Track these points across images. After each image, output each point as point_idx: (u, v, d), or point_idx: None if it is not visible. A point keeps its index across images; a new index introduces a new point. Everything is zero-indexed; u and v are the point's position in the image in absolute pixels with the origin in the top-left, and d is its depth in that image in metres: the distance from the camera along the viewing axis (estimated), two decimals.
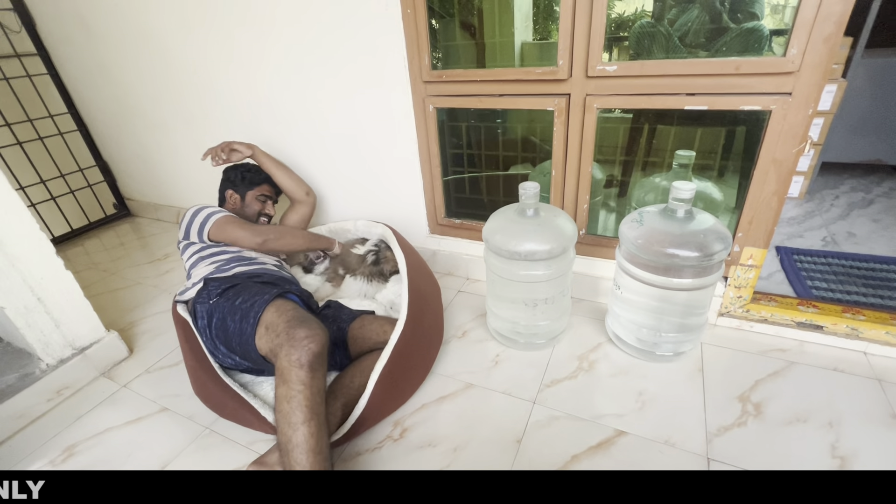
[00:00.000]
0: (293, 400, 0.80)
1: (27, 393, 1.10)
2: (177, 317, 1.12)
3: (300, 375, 0.82)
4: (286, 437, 0.79)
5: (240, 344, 0.96)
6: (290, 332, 0.87)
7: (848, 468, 0.83)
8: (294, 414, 0.80)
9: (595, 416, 0.98)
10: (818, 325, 1.13)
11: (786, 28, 0.95)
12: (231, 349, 1.00)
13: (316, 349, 0.84)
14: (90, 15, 1.78)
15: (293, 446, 0.78)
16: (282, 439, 0.80)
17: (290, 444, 0.79)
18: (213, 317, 1.02)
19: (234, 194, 1.41)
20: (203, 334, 1.04)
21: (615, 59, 1.08)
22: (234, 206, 1.40)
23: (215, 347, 1.03)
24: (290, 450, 0.78)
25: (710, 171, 1.45)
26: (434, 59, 1.28)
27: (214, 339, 1.02)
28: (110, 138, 2.21)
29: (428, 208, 1.53)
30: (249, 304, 0.96)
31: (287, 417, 0.80)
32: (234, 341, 0.97)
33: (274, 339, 0.88)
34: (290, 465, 0.78)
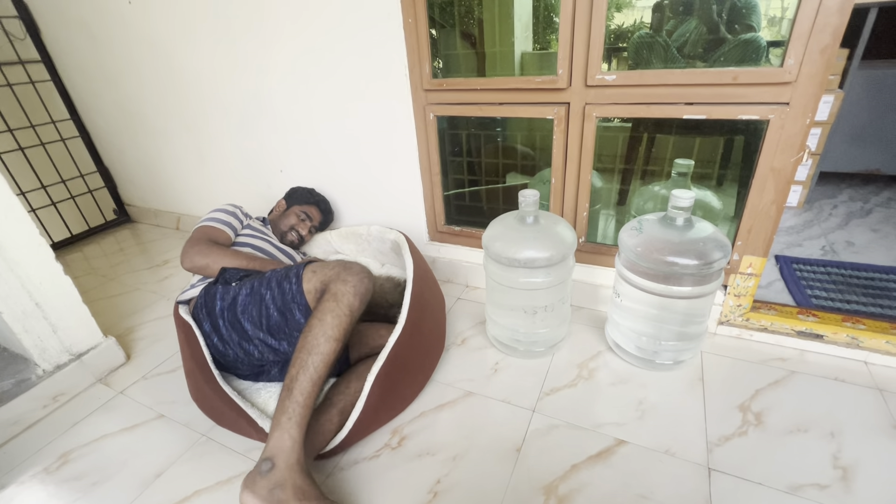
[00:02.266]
0: (338, 317, 0.86)
1: (23, 399, 1.09)
2: (178, 319, 1.11)
3: (351, 301, 0.88)
4: (314, 344, 0.84)
5: (281, 305, 0.94)
6: (346, 266, 0.93)
7: (850, 479, 0.82)
8: (332, 328, 0.85)
9: (595, 424, 0.97)
10: (818, 334, 1.13)
11: (783, 39, 0.96)
12: (258, 322, 0.96)
13: (368, 285, 0.91)
14: (95, 23, 1.80)
15: (317, 353, 0.83)
16: (307, 343, 0.84)
17: (316, 349, 0.83)
18: (238, 296, 0.99)
19: (283, 203, 1.54)
20: (217, 317, 1.01)
21: (614, 69, 1.09)
22: (276, 212, 1.51)
23: (233, 328, 0.99)
24: (311, 353, 0.83)
25: (709, 179, 1.45)
26: (435, 68, 1.29)
27: (239, 317, 0.98)
28: (111, 144, 2.22)
29: (428, 215, 1.53)
30: (285, 270, 0.99)
31: (324, 327, 0.85)
32: (273, 305, 0.95)
33: (327, 273, 0.92)
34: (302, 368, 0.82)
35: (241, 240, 1.26)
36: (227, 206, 1.29)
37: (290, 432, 0.78)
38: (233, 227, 1.25)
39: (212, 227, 1.20)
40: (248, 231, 1.30)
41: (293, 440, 0.78)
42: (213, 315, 1.02)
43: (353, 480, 0.90)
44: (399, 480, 0.89)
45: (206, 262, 1.11)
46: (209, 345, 1.05)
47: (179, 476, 0.94)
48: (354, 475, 0.91)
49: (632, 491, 0.83)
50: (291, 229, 1.46)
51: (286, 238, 1.46)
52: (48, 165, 2.07)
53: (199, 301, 1.08)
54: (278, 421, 0.79)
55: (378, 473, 0.91)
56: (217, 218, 1.23)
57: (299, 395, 0.81)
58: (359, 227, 1.56)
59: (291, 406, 0.80)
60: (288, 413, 0.79)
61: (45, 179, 2.05)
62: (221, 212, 1.26)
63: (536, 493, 0.84)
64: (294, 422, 0.79)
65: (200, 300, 1.07)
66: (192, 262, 1.11)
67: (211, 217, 1.23)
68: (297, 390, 0.81)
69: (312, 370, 0.83)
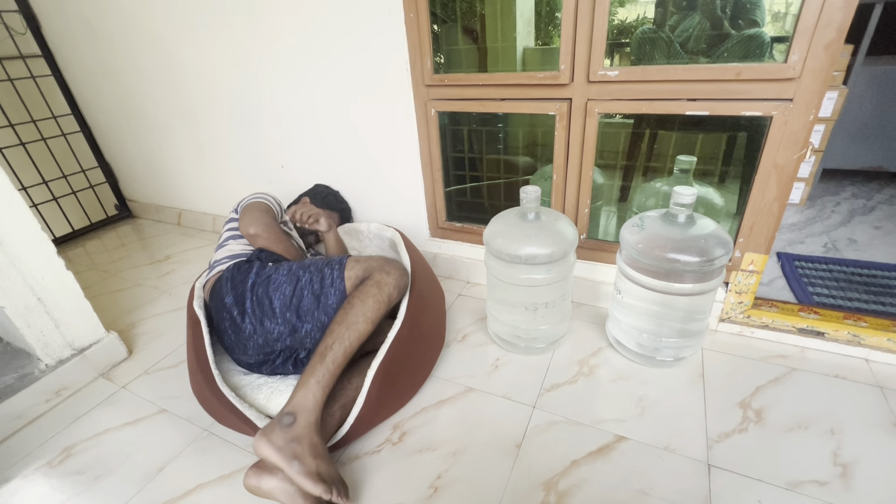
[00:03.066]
0: (377, 302, 0.93)
1: (26, 393, 1.09)
2: (190, 311, 1.11)
3: (391, 292, 0.96)
4: (354, 321, 0.91)
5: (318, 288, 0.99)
6: (389, 260, 1.01)
7: (849, 476, 0.83)
8: (372, 311, 0.92)
9: (595, 421, 0.98)
10: (819, 331, 1.13)
11: (787, 35, 0.96)
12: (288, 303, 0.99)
13: (407, 281, 1.01)
14: (95, 17, 1.79)
15: (354, 329, 0.90)
16: (347, 319, 0.91)
17: (353, 325, 0.90)
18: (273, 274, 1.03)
19: (307, 202, 1.50)
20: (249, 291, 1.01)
21: (617, 65, 1.09)
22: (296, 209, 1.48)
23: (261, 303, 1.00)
24: (350, 329, 0.90)
25: (711, 176, 1.45)
26: (436, 63, 1.28)
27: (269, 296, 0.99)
28: (113, 140, 2.22)
29: (429, 211, 1.53)
30: (327, 258, 1.05)
31: (365, 310, 0.92)
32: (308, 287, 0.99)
33: (371, 264, 1.00)
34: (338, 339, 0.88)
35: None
36: (271, 198, 1.30)
37: (316, 394, 0.84)
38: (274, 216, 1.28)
39: (270, 206, 1.25)
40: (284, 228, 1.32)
41: (316, 401, 0.83)
42: (242, 287, 1.02)
43: (354, 475, 0.90)
44: (400, 475, 0.89)
45: (268, 237, 1.15)
46: (224, 320, 1.04)
47: (181, 470, 0.95)
48: (356, 470, 0.91)
49: (632, 487, 0.83)
50: (312, 233, 1.47)
51: (306, 239, 1.47)
52: (49, 160, 2.07)
53: (226, 274, 1.07)
54: (306, 382, 0.85)
55: (379, 468, 0.91)
56: (270, 201, 1.27)
57: (331, 363, 0.87)
58: (359, 224, 1.56)
59: (322, 371, 0.86)
60: (317, 376, 0.85)
61: (47, 174, 2.05)
62: (272, 200, 1.29)
63: (536, 489, 0.84)
64: (321, 385, 0.85)
65: (228, 273, 1.07)
66: (257, 228, 1.15)
67: (264, 198, 1.26)
68: (331, 358, 0.87)
69: (347, 343, 0.89)
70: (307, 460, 0.77)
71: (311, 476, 0.76)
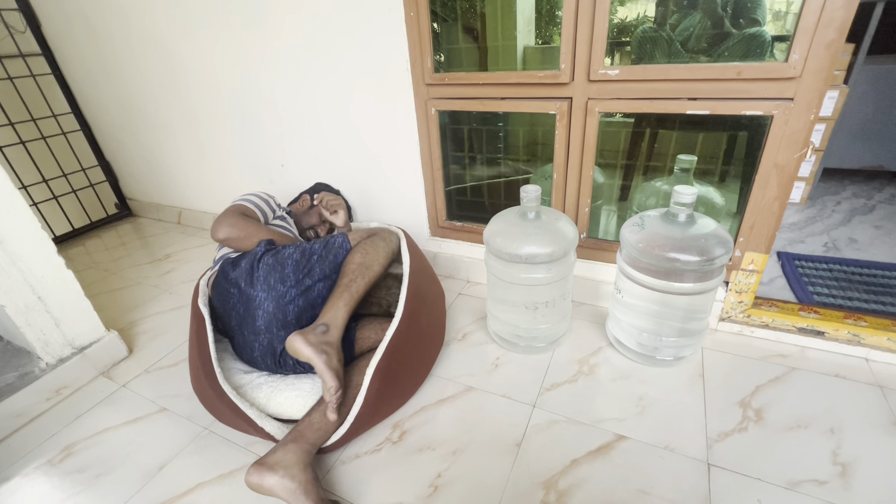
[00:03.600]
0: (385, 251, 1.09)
1: (26, 392, 1.09)
2: (194, 307, 1.11)
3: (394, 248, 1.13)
4: (369, 264, 1.04)
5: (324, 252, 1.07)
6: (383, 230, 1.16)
7: (849, 475, 0.83)
8: (384, 257, 1.08)
9: (595, 420, 0.98)
10: (819, 330, 1.13)
11: (788, 34, 0.95)
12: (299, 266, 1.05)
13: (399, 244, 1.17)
14: (95, 16, 1.79)
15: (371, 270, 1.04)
16: (364, 263, 1.04)
17: (372, 266, 1.04)
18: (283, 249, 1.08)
19: (307, 199, 1.51)
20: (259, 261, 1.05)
21: (617, 64, 1.09)
22: (300, 208, 1.49)
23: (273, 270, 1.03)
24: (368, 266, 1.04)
25: (712, 175, 1.45)
26: (436, 62, 1.28)
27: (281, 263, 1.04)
28: (113, 138, 2.22)
29: (429, 211, 1.53)
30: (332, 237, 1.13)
31: (377, 255, 1.07)
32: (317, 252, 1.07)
33: (371, 229, 1.15)
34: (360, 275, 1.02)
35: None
36: (262, 193, 1.29)
37: (343, 313, 0.96)
38: (264, 213, 1.25)
39: (246, 206, 1.22)
40: (277, 223, 1.31)
41: (343, 319, 0.96)
42: (250, 260, 1.06)
43: (354, 474, 0.90)
44: (400, 474, 0.89)
45: (241, 235, 1.12)
46: (228, 289, 1.05)
47: (182, 469, 0.95)
48: (356, 469, 0.91)
49: (631, 486, 0.83)
50: (311, 229, 1.45)
51: (304, 235, 1.46)
52: (49, 159, 2.07)
53: (228, 259, 1.10)
54: (335, 303, 0.97)
55: (379, 467, 0.91)
56: (251, 200, 1.24)
57: (355, 292, 0.99)
58: (361, 224, 1.56)
59: (347, 296, 0.98)
60: (344, 299, 0.97)
61: (47, 173, 2.05)
62: (256, 196, 1.27)
63: (536, 488, 0.84)
64: (347, 308, 0.97)
65: (232, 258, 1.09)
66: (225, 232, 1.11)
67: (245, 198, 1.24)
68: (354, 287, 1.00)
69: (369, 278, 1.03)
70: (333, 359, 0.89)
71: (334, 370, 0.87)
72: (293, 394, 1.01)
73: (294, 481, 0.78)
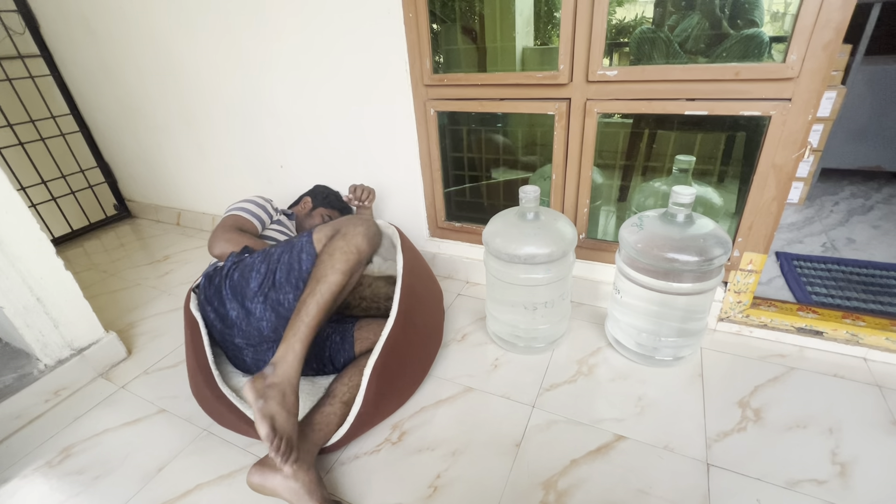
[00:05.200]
0: (345, 253, 0.92)
1: (25, 393, 1.09)
2: (187, 312, 1.11)
3: (360, 242, 0.94)
4: (322, 272, 0.91)
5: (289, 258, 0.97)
6: (355, 219, 0.99)
7: (848, 475, 0.83)
8: (340, 262, 0.92)
9: (594, 420, 0.98)
10: (818, 330, 1.13)
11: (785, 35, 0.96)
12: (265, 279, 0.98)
13: (376, 229, 0.98)
14: (94, 17, 1.79)
15: (325, 281, 0.90)
16: (318, 273, 0.91)
17: (323, 278, 0.91)
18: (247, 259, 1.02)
19: (309, 202, 1.49)
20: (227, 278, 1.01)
21: (616, 65, 1.09)
22: (301, 210, 1.47)
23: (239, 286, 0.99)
24: (320, 282, 0.90)
25: (710, 176, 1.45)
26: (435, 63, 1.28)
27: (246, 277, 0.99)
28: (112, 140, 2.22)
29: (428, 211, 1.53)
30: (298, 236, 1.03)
31: (333, 262, 0.92)
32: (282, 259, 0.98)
33: (339, 223, 0.99)
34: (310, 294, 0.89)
35: (268, 234, 1.26)
36: (258, 198, 1.28)
37: (294, 347, 0.86)
38: (261, 219, 1.24)
39: (241, 216, 1.20)
40: (277, 227, 1.30)
41: (295, 353, 0.86)
42: (219, 276, 1.03)
43: (353, 475, 0.90)
44: (399, 475, 0.89)
45: (235, 250, 1.10)
46: (209, 313, 1.04)
47: (181, 470, 0.95)
48: (355, 469, 0.91)
49: (631, 486, 0.83)
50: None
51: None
52: (48, 160, 2.06)
53: (207, 271, 1.09)
54: (287, 338, 0.88)
55: (378, 468, 0.91)
56: (246, 208, 1.23)
57: (306, 317, 0.88)
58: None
59: (298, 325, 0.88)
60: (294, 329, 0.87)
61: (46, 174, 2.05)
62: (251, 203, 1.25)
63: (536, 488, 0.84)
64: (299, 338, 0.87)
65: (210, 269, 1.08)
66: (221, 248, 1.10)
67: (240, 206, 1.23)
68: (304, 312, 0.88)
69: (319, 296, 0.89)
70: (271, 404, 0.80)
71: (265, 417, 0.78)
72: None
73: (297, 481, 0.78)
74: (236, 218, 1.19)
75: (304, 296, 0.91)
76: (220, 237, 1.12)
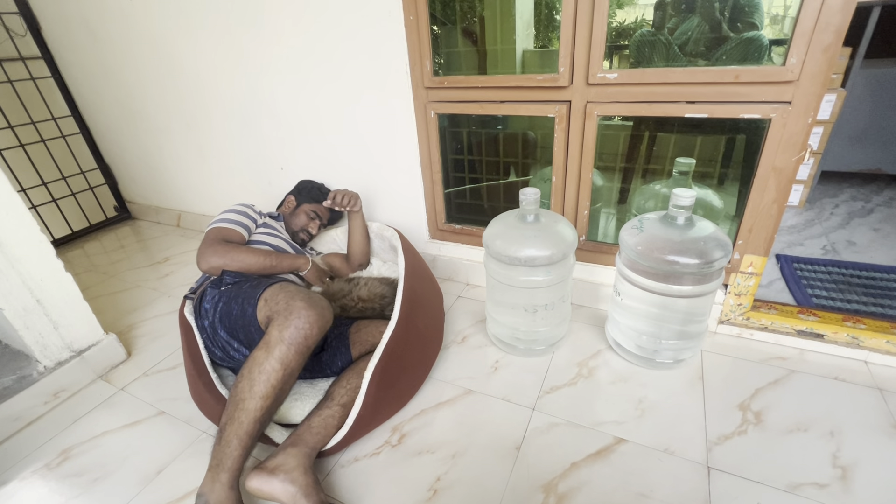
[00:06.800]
0: (265, 372, 0.82)
1: (24, 395, 1.09)
2: (182, 318, 1.11)
3: (284, 352, 0.83)
4: (241, 398, 0.82)
5: (242, 325, 0.95)
6: (290, 303, 0.87)
7: (849, 478, 0.83)
8: (259, 385, 0.82)
9: (594, 423, 0.97)
10: (818, 333, 1.13)
11: (785, 38, 0.96)
12: (232, 333, 0.99)
13: (308, 329, 0.84)
14: (95, 19, 1.80)
15: (243, 410, 0.81)
16: (236, 395, 0.82)
17: (241, 404, 0.81)
18: (220, 301, 1.02)
19: (293, 200, 1.49)
20: (206, 318, 1.03)
21: (616, 67, 1.09)
22: (286, 210, 1.47)
23: (215, 334, 1.02)
24: (238, 408, 0.81)
25: (710, 178, 1.45)
26: (436, 66, 1.28)
27: (216, 325, 1.01)
28: (112, 141, 2.22)
29: (428, 213, 1.53)
30: (256, 283, 0.99)
31: (252, 382, 0.82)
32: (237, 322, 0.97)
33: (273, 308, 0.89)
34: (230, 420, 0.81)
35: (257, 238, 1.25)
36: (238, 207, 1.28)
37: (219, 476, 0.79)
38: (245, 226, 1.24)
39: (223, 227, 1.19)
40: (264, 229, 1.30)
41: (222, 484, 0.79)
42: (203, 315, 1.05)
43: (353, 477, 0.90)
44: (399, 478, 0.89)
45: (224, 262, 1.10)
46: (205, 339, 1.06)
47: (180, 473, 0.94)
48: (355, 472, 0.91)
49: (631, 489, 0.83)
50: (302, 230, 1.44)
51: (296, 237, 1.45)
52: (49, 162, 2.07)
53: (199, 295, 1.09)
54: (210, 463, 0.80)
55: (378, 471, 0.91)
56: (228, 218, 1.22)
57: (226, 447, 0.80)
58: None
59: (219, 453, 0.80)
60: (217, 458, 0.80)
61: (46, 176, 2.05)
62: (233, 212, 1.25)
63: (536, 491, 0.84)
64: (223, 467, 0.79)
65: (200, 296, 1.09)
66: (209, 263, 1.10)
67: (222, 218, 1.23)
68: (224, 441, 0.81)
69: (237, 426, 0.81)
70: None
71: None
72: (291, 398, 1.01)
73: (295, 485, 0.78)
74: (219, 230, 1.18)
75: (224, 419, 0.82)
76: (206, 252, 1.11)
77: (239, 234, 1.20)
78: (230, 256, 1.11)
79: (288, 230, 1.44)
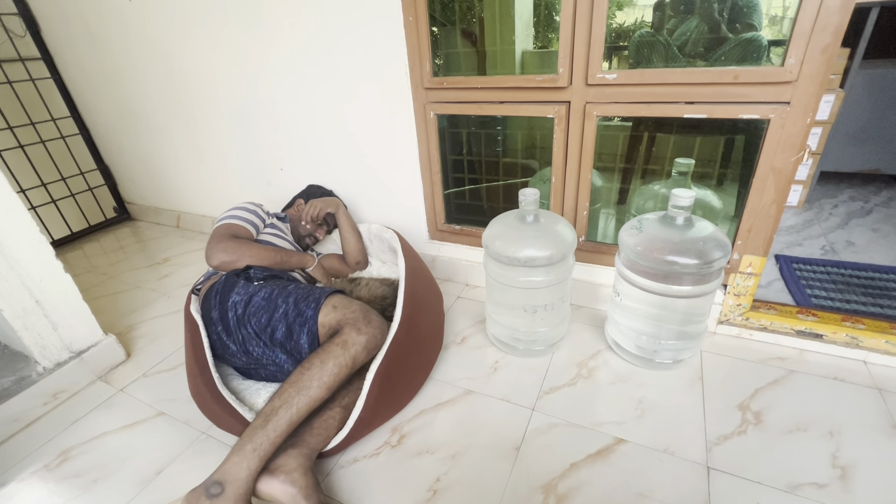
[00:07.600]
0: (338, 366, 0.87)
1: (23, 396, 1.09)
2: (187, 314, 1.11)
3: (357, 353, 0.89)
4: (307, 383, 0.84)
5: (290, 323, 0.96)
6: (367, 316, 0.94)
7: (848, 478, 0.83)
8: (330, 376, 0.86)
9: (594, 423, 0.97)
10: (818, 333, 1.13)
11: (784, 38, 0.96)
12: (264, 328, 0.97)
13: (380, 341, 0.93)
14: (95, 20, 1.80)
15: (305, 395, 0.84)
16: (299, 382, 0.84)
17: (305, 390, 0.84)
18: (255, 295, 1.01)
19: (302, 204, 1.49)
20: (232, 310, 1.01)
21: (615, 68, 1.09)
22: (295, 213, 1.47)
23: (239, 327, 1.00)
24: (299, 391, 0.84)
25: (710, 179, 1.45)
26: (435, 66, 1.29)
27: (246, 318, 0.99)
28: (112, 142, 2.22)
29: (428, 214, 1.53)
30: (308, 290, 1.00)
31: (322, 371, 0.86)
32: (284, 319, 0.96)
33: (347, 314, 0.93)
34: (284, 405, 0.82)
35: (263, 238, 1.26)
36: (248, 205, 1.28)
37: (251, 463, 0.76)
38: (254, 224, 1.24)
39: (233, 223, 1.20)
40: (271, 230, 1.30)
41: (250, 472, 0.76)
42: (225, 305, 1.03)
43: (353, 478, 0.90)
44: (399, 478, 0.89)
45: (234, 258, 1.10)
46: (212, 333, 1.05)
47: (179, 474, 0.94)
48: (354, 473, 0.91)
49: (631, 489, 0.83)
50: (309, 235, 1.45)
51: (302, 242, 1.45)
52: (48, 163, 2.07)
53: (217, 285, 1.08)
54: (242, 447, 0.77)
55: (378, 471, 0.91)
56: (238, 215, 1.23)
57: (272, 431, 0.79)
58: (360, 225, 1.56)
59: (261, 438, 0.79)
60: (255, 443, 0.78)
61: (46, 177, 2.05)
62: (242, 209, 1.25)
63: (535, 492, 0.84)
64: (258, 454, 0.77)
65: (219, 285, 1.07)
66: (219, 259, 1.10)
67: (232, 214, 1.23)
68: (272, 425, 0.80)
69: (294, 410, 0.82)
70: None
71: None
72: None
73: (295, 486, 0.78)
74: (228, 226, 1.18)
75: (277, 402, 0.82)
76: (216, 247, 1.11)
77: (248, 231, 1.21)
78: (241, 252, 1.11)
79: (294, 234, 1.45)
